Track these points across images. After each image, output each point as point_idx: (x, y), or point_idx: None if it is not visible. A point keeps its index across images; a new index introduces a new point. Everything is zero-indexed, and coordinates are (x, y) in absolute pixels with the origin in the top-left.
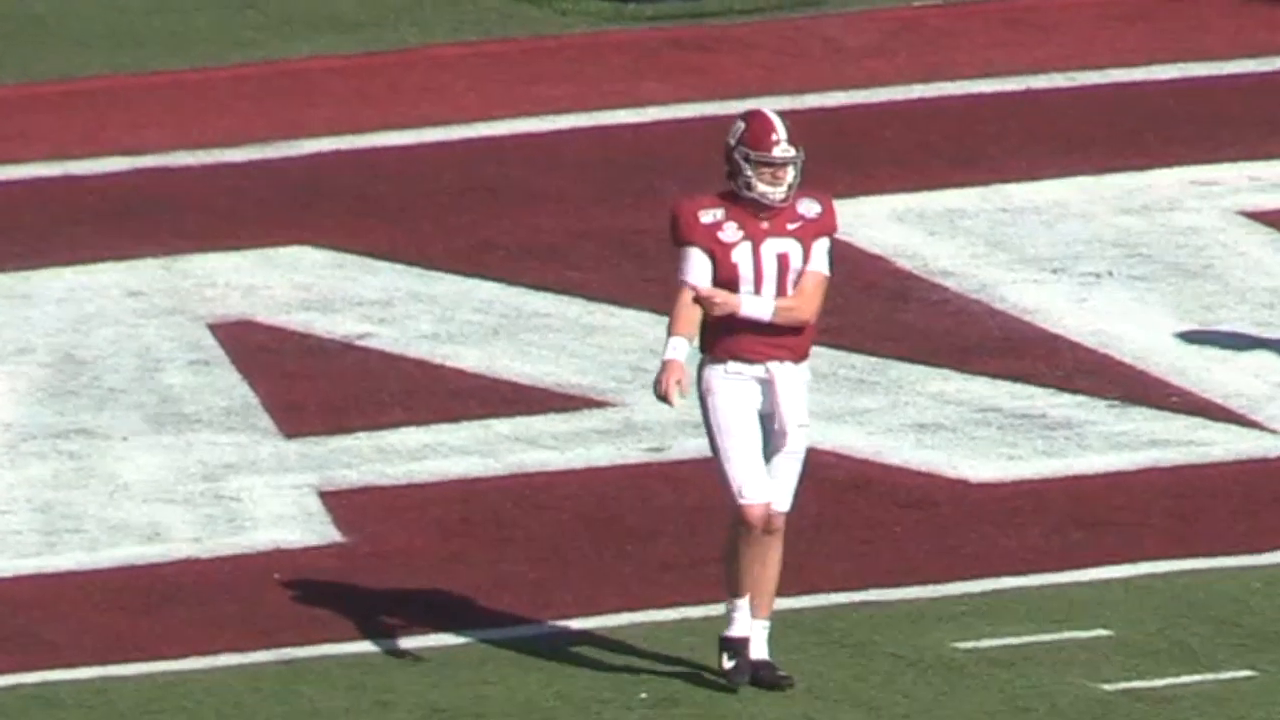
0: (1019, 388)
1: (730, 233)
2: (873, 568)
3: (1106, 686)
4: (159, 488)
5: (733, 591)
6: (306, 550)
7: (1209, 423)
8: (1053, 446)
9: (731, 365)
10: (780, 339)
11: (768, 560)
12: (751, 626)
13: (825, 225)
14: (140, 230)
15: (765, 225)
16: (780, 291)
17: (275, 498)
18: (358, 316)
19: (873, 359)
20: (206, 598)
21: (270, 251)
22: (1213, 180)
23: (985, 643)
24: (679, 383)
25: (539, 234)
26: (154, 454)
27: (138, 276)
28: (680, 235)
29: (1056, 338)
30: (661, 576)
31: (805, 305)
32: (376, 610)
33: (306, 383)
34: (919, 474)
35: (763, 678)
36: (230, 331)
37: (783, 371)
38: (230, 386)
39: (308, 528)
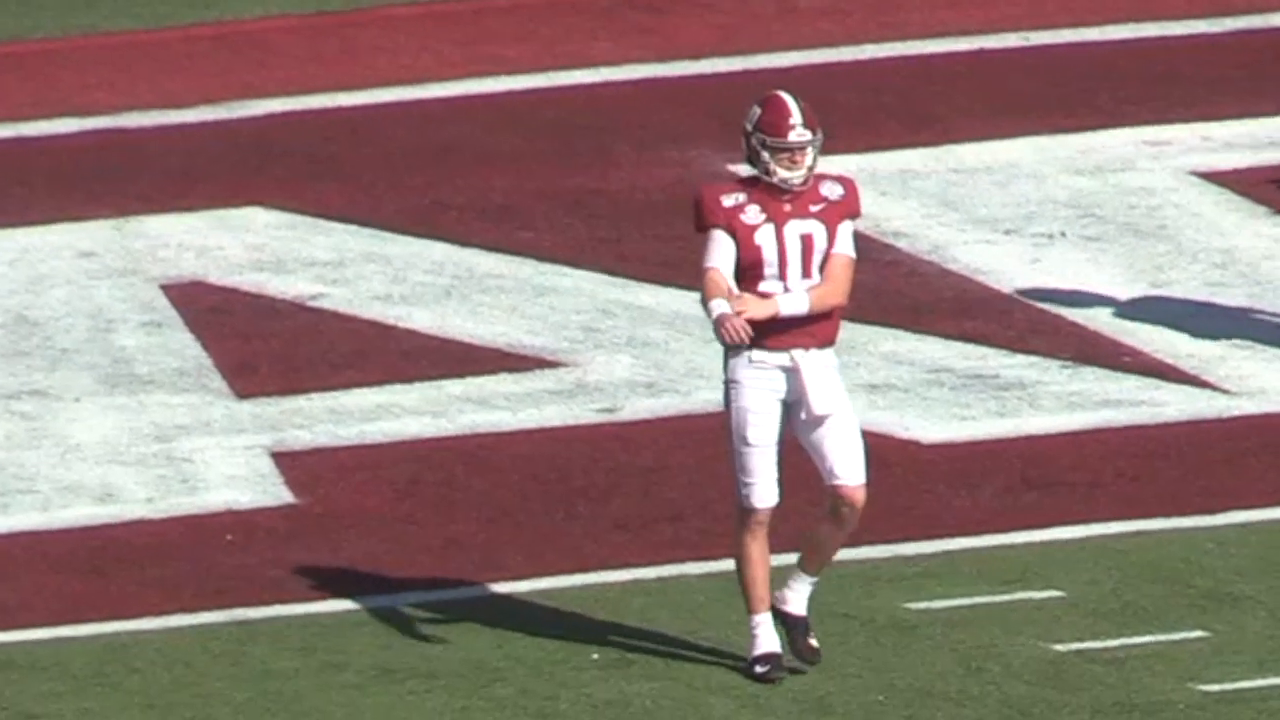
0: (971, 348)
1: (753, 215)
2: None
3: (1059, 647)
4: (111, 448)
5: (751, 607)
6: (259, 511)
7: (1161, 383)
8: (1005, 407)
9: (756, 354)
10: (804, 325)
11: (839, 534)
12: (797, 578)
13: (849, 208)
14: (92, 191)
15: (788, 208)
16: (805, 273)
17: (227, 458)
18: (310, 277)
19: None
20: (159, 559)
21: (223, 212)
22: (1165, 140)
23: (938, 603)
24: (739, 325)
25: (491, 194)
26: (106, 415)
27: (90, 238)
28: (704, 219)
29: (1009, 298)
30: (613, 537)
31: (836, 290)
32: (328, 571)
33: (259, 343)
34: (871, 434)
35: (795, 637)
36: (183, 292)
37: (808, 359)
38: (183, 347)
39: (260, 488)
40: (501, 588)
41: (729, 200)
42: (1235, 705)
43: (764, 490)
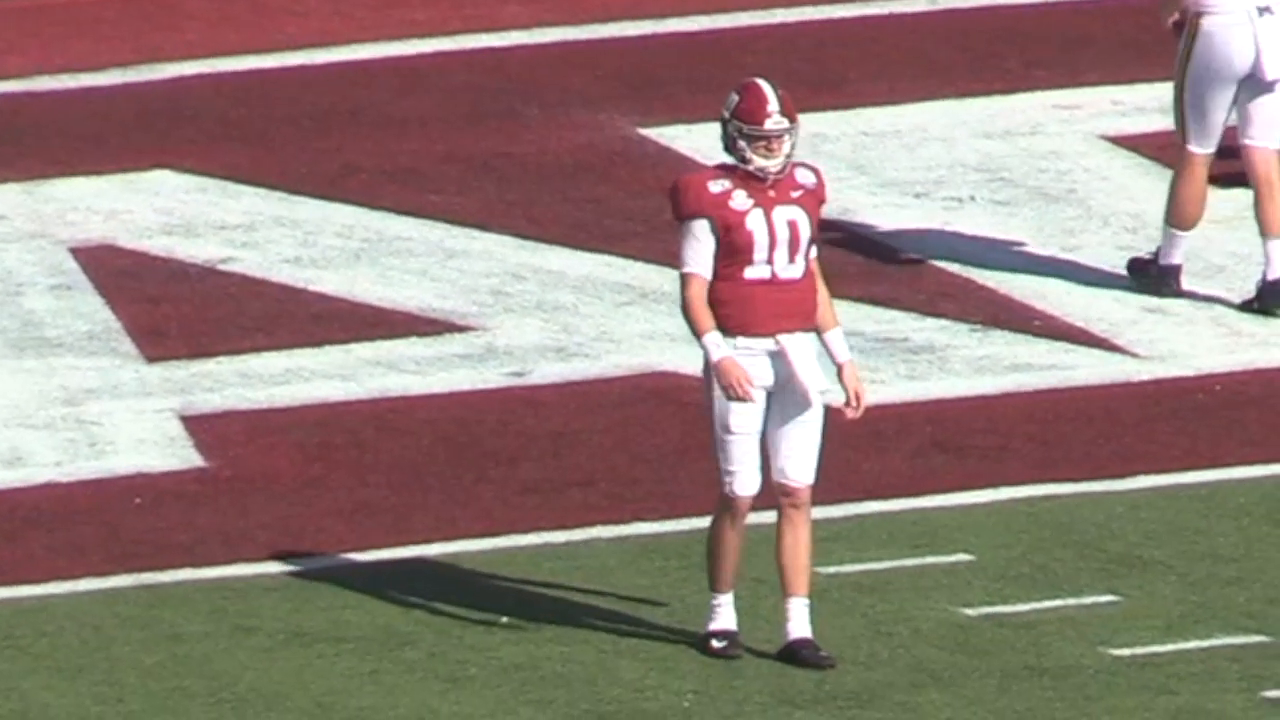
0: (881, 312)
1: (741, 201)
2: None
3: (968, 611)
4: (20, 412)
5: (714, 587)
6: (168, 474)
7: (1072, 347)
8: (915, 370)
9: (741, 341)
10: (789, 309)
11: (800, 538)
12: (791, 604)
13: (821, 195)
14: (2, 155)
15: (772, 193)
16: (791, 259)
17: (137, 422)
18: (220, 241)
19: None
20: (67, 522)
21: (132, 176)
22: (1075, 104)
23: (847, 567)
24: (745, 377)
25: (401, 158)
26: (15, 378)
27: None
28: (688, 208)
29: (919, 262)
30: (522, 501)
31: (827, 294)
32: (237, 534)
33: (168, 307)
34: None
35: (805, 657)
36: (92, 256)
37: (793, 342)
38: (92, 311)
39: (169, 452)
40: (411, 551)
41: (716, 187)
42: (1145, 669)
43: (747, 479)
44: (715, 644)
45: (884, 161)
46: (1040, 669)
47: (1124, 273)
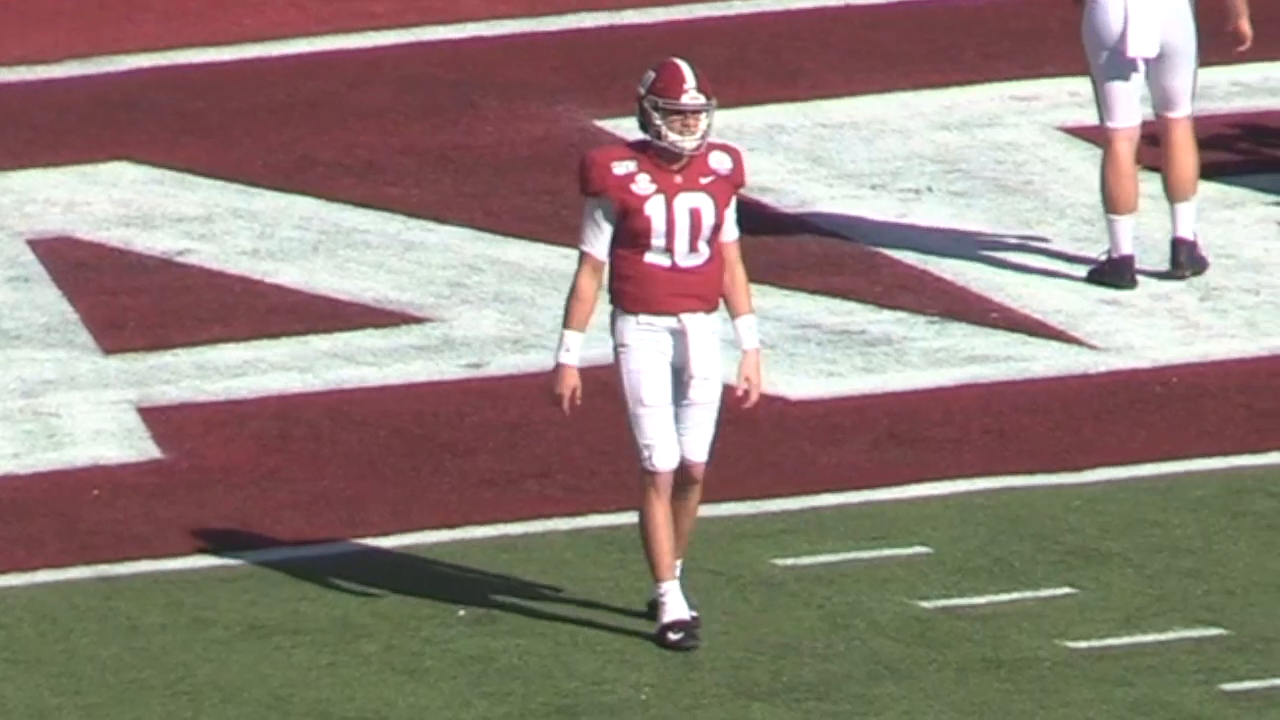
0: (838, 304)
1: (643, 185)
2: None
3: (926, 604)
4: None
5: (657, 575)
6: (125, 466)
7: (1029, 339)
8: (872, 363)
9: (644, 318)
10: (692, 289)
11: (687, 507)
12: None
13: (737, 180)
14: None
15: (679, 179)
16: (692, 247)
17: (94, 414)
18: (177, 233)
19: None
20: (24, 514)
21: (90, 168)
22: (1032, 96)
23: (804, 560)
24: (574, 392)
25: (358, 150)
26: None
27: None
28: (591, 185)
29: (875, 254)
30: (479, 493)
31: (744, 279)
32: (195, 526)
33: (126, 299)
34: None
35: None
36: (50, 248)
37: (695, 322)
38: (50, 303)
39: (127, 444)
40: (368, 543)
41: (620, 169)
42: (1102, 662)
43: (664, 451)
44: (671, 636)
45: (841, 153)
46: (997, 661)
47: (1081, 264)
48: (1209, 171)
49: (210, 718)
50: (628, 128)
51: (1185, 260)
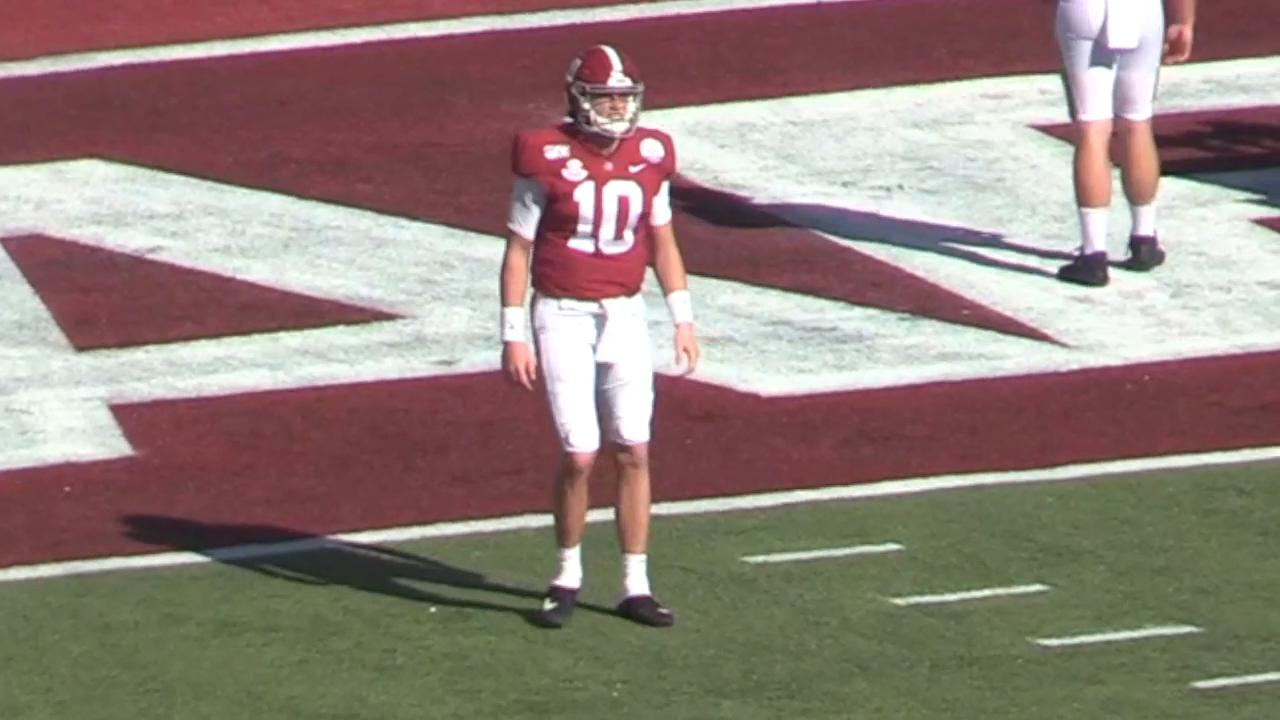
0: (810, 301)
1: (574, 171)
2: (663, 481)
3: (898, 600)
4: None
5: (561, 542)
6: (97, 463)
7: (1000, 336)
8: (843, 360)
9: (565, 302)
10: (613, 274)
11: (637, 495)
12: (629, 561)
13: (667, 167)
14: None
15: (609, 166)
16: (618, 235)
17: (66, 411)
18: (148, 230)
19: None
20: None
21: (61, 165)
22: (1003, 93)
23: (776, 557)
24: (528, 365)
25: (329, 147)
26: None
27: None
28: (521, 166)
29: (847, 250)
30: (451, 490)
31: (679, 259)
32: (167, 523)
33: (98, 296)
34: (710, 387)
35: (643, 614)
36: (21, 245)
37: (616, 307)
38: (21, 300)
39: (98, 441)
40: (340, 540)
41: (552, 153)
42: (1074, 659)
43: (583, 431)
44: (546, 605)
45: (812, 151)
46: (969, 659)
47: (1052, 261)
48: (1181, 169)
49: (183, 715)
50: None
51: (1147, 256)
